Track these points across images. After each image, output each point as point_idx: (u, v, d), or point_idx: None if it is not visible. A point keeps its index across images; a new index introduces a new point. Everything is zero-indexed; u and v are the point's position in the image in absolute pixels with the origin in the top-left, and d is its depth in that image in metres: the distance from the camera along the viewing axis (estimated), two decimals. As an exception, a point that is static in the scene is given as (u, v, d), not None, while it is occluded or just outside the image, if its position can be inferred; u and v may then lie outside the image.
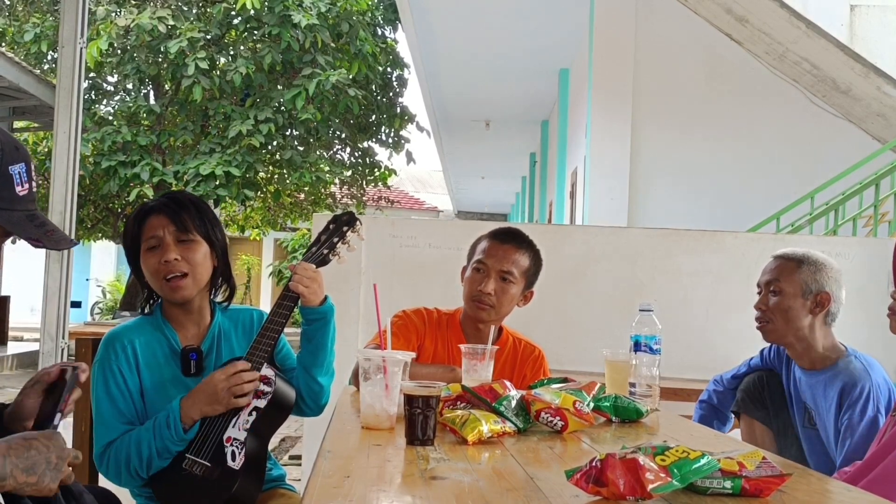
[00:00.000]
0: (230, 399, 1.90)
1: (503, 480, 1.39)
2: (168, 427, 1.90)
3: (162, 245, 2.01)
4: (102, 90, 11.90)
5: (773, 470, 1.33)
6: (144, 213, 2.07)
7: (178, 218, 2.03)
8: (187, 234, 2.03)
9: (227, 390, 1.89)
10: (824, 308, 2.35)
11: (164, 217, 2.03)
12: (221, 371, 1.92)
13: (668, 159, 7.50)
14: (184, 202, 2.07)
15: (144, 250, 2.04)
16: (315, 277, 2.01)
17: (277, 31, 10.58)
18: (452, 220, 10.89)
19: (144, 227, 2.04)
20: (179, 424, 1.90)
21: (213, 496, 1.89)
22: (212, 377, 1.92)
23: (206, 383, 1.92)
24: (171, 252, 2.00)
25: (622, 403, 1.99)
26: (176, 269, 2.00)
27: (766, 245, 3.87)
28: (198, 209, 2.07)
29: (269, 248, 20.59)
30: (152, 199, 2.13)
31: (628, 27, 7.39)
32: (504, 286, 2.42)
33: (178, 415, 1.91)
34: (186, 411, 1.91)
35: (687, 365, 3.67)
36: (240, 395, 1.90)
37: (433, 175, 25.11)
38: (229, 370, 1.92)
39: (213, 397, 1.90)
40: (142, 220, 2.05)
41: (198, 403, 1.91)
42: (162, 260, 2.00)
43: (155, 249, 2.02)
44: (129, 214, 10.57)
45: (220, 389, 1.89)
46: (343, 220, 2.11)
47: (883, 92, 6.39)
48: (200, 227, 2.05)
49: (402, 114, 12.42)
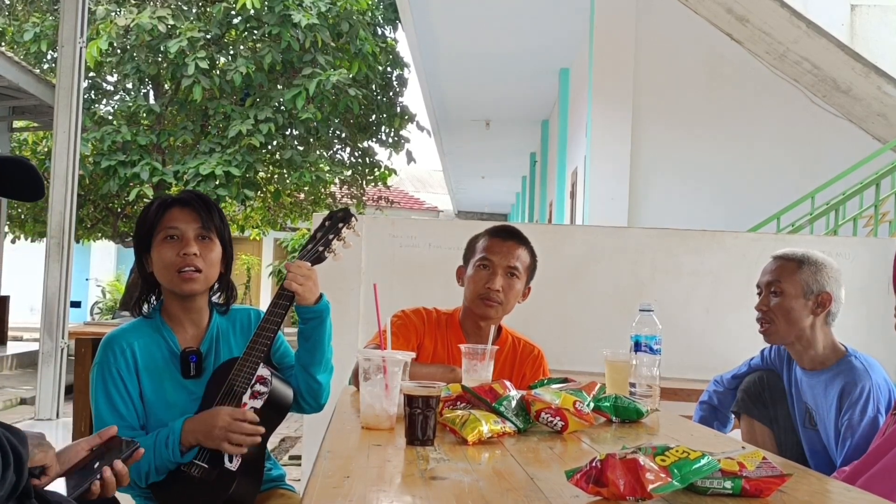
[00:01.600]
0: (223, 443, 1.87)
1: (503, 481, 1.39)
2: (167, 447, 1.90)
3: (183, 238, 2.01)
4: (102, 90, 11.89)
5: (773, 470, 1.32)
6: (169, 203, 2.06)
7: (203, 215, 2.03)
8: (209, 232, 2.04)
9: (225, 433, 1.86)
10: (825, 308, 2.35)
11: (191, 211, 2.03)
12: (230, 411, 1.89)
13: (668, 159, 7.51)
14: (210, 202, 2.08)
15: (160, 240, 2.02)
16: (309, 275, 2.00)
17: (277, 31, 10.58)
18: (452, 220, 10.89)
19: (165, 217, 2.03)
20: (178, 447, 1.89)
21: (211, 497, 1.89)
22: (218, 412, 1.89)
23: (210, 415, 1.90)
24: (192, 246, 2.00)
25: (622, 403, 1.99)
26: (193, 264, 2.00)
27: (767, 245, 3.86)
28: (220, 213, 2.09)
29: (269, 247, 20.58)
30: (177, 193, 2.12)
31: (629, 27, 7.39)
32: (511, 282, 2.43)
33: (179, 437, 1.90)
34: (185, 435, 1.90)
35: (687, 365, 3.67)
36: (236, 443, 1.87)
37: (433, 175, 25.10)
38: (237, 413, 1.88)
39: (208, 434, 1.88)
40: (165, 210, 2.04)
41: (195, 432, 1.90)
42: (181, 252, 2.00)
43: (173, 240, 2.01)
44: (129, 214, 10.49)
45: (219, 428, 1.87)
46: (338, 217, 2.10)
47: (883, 92, 6.39)
48: (220, 230, 2.07)
49: (402, 113, 12.41)
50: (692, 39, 7.40)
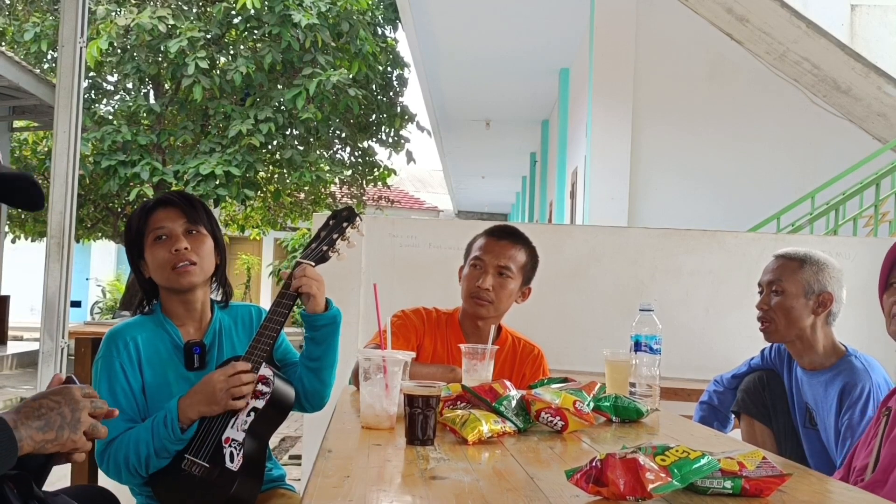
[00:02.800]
0: (228, 400, 1.88)
1: (503, 480, 1.39)
2: (166, 426, 1.90)
3: (171, 235, 2.02)
4: (102, 89, 11.89)
5: (773, 470, 1.32)
6: (151, 207, 2.07)
7: (187, 211, 2.05)
8: (196, 226, 2.05)
9: (226, 391, 1.88)
10: (826, 308, 2.35)
11: (175, 210, 2.05)
12: (220, 371, 1.91)
13: (668, 159, 7.51)
14: (192, 198, 2.10)
15: (151, 242, 2.03)
16: (322, 280, 2.01)
17: (278, 31, 10.57)
18: (452, 220, 10.88)
19: (151, 220, 2.05)
20: (177, 424, 1.89)
21: (212, 497, 1.89)
22: (210, 377, 1.91)
23: (205, 383, 1.91)
24: (182, 241, 2.01)
25: (622, 403, 1.99)
26: (186, 258, 2.01)
27: (767, 245, 3.87)
28: (203, 207, 2.11)
29: (269, 247, 20.58)
30: (155, 197, 2.14)
31: (629, 27, 7.39)
32: (502, 282, 2.42)
33: (176, 414, 1.90)
34: (184, 411, 1.90)
35: (687, 365, 3.67)
36: (238, 396, 1.89)
37: (433, 175, 25.10)
38: (228, 370, 1.91)
39: (210, 397, 1.89)
40: (148, 214, 2.06)
41: (196, 404, 1.90)
42: (172, 249, 2.01)
43: (162, 240, 2.02)
44: (129, 214, 10.56)
45: (219, 390, 1.88)
46: (343, 216, 2.09)
47: (883, 92, 6.39)
48: (207, 223, 2.08)
49: (402, 113, 12.40)
50: (692, 39, 7.40)
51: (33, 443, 1.36)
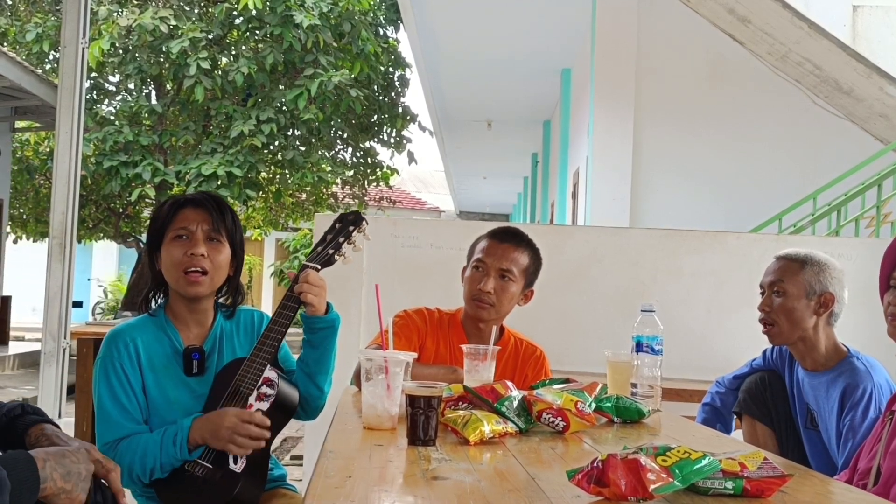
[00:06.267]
0: (229, 443, 1.87)
1: (505, 481, 1.39)
2: (174, 445, 1.90)
3: (192, 238, 2.01)
4: (104, 90, 11.90)
5: (774, 471, 1.33)
6: (182, 202, 2.06)
7: (214, 216, 2.03)
8: (218, 234, 2.03)
9: (231, 433, 1.86)
10: (828, 309, 2.34)
11: (203, 212, 2.03)
12: (238, 412, 1.88)
13: (670, 160, 7.50)
14: (223, 204, 2.08)
15: (170, 238, 2.02)
16: (323, 286, 2.00)
17: (279, 31, 10.58)
18: (454, 221, 10.89)
19: (178, 216, 2.03)
20: (185, 446, 1.89)
21: (215, 498, 1.89)
22: (226, 412, 1.89)
23: (218, 415, 1.89)
24: (200, 247, 2.00)
25: (624, 404, 1.99)
26: (199, 265, 2.00)
27: (769, 246, 3.86)
28: (232, 216, 2.09)
29: (271, 247, 20.59)
30: (190, 194, 2.13)
31: (630, 27, 7.39)
32: (503, 284, 2.42)
33: (187, 435, 1.90)
34: (193, 432, 1.90)
35: (689, 365, 3.67)
36: (240, 445, 1.87)
37: (435, 175, 25.10)
38: (244, 415, 1.88)
39: (215, 433, 1.88)
40: (177, 209, 2.05)
41: (203, 430, 1.89)
42: (188, 252, 1.99)
43: (182, 239, 2.01)
44: (130, 214, 10.50)
45: (225, 429, 1.86)
46: (349, 220, 2.09)
47: (885, 93, 6.39)
48: (231, 233, 2.06)
49: (403, 114, 12.41)
50: (694, 40, 7.40)
51: (56, 488, 1.40)
